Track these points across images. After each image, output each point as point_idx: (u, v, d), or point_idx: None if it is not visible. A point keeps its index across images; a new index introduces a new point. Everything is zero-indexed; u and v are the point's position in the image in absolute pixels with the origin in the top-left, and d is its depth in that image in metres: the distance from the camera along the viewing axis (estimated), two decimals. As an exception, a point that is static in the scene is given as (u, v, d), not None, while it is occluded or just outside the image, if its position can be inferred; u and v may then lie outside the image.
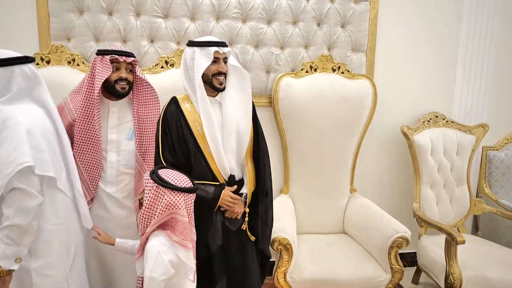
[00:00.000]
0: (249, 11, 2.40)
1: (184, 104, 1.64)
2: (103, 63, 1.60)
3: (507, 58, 2.77)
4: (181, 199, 1.23)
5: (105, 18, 2.27)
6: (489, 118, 2.76)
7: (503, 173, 2.78)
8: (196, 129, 1.60)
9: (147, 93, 1.72)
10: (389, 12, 2.57)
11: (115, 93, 1.62)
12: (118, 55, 1.62)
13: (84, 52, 2.28)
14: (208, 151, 1.60)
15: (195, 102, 1.62)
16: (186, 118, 1.60)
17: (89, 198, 1.61)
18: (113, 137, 1.64)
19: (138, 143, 1.66)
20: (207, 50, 1.59)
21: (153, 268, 1.18)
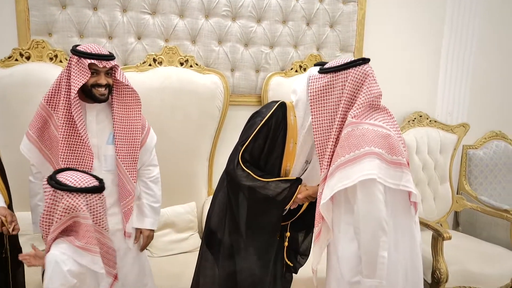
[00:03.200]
0: (239, 9, 2.37)
1: (290, 115, 1.52)
2: (80, 67, 1.44)
3: (486, 60, 2.88)
4: (81, 201, 1.16)
5: (90, 13, 2.18)
6: (469, 117, 2.86)
7: (482, 171, 2.90)
8: (289, 145, 1.50)
9: (128, 96, 1.59)
10: (376, 14, 2.61)
11: (93, 99, 1.51)
12: (97, 59, 1.45)
13: (67, 48, 2.15)
14: (287, 169, 1.53)
15: (300, 117, 1.49)
16: (286, 133, 1.50)
17: None
18: (93, 142, 1.53)
19: (118, 147, 1.55)
20: None
21: (51, 279, 1.13)
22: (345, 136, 1.24)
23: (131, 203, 1.59)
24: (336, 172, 1.21)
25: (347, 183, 1.18)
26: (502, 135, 2.99)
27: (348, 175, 1.18)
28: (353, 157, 1.19)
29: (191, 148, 2.35)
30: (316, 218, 1.35)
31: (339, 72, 1.29)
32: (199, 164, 2.42)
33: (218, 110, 2.36)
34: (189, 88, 2.27)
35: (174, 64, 2.31)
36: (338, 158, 1.22)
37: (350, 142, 1.21)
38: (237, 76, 2.46)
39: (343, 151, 1.21)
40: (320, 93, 1.32)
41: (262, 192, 1.46)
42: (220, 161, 2.48)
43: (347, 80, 1.28)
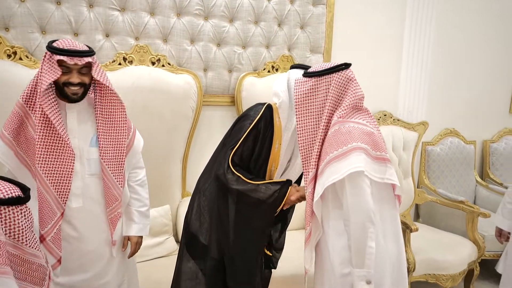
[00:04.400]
0: (211, 8, 2.34)
1: (276, 117, 1.55)
2: (51, 63, 1.33)
3: (441, 61, 3.09)
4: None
5: (53, 7, 2.04)
6: (427, 116, 3.06)
7: (439, 166, 3.12)
8: (275, 146, 1.53)
9: (110, 97, 1.48)
10: (344, 16, 2.70)
11: (66, 97, 1.40)
12: (68, 56, 1.32)
13: (28, 45, 2.03)
14: (272, 169, 1.55)
15: (284, 118, 1.54)
16: (273, 134, 1.53)
17: (59, 213, 1.39)
18: (74, 143, 1.43)
19: (103, 150, 1.45)
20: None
21: None
22: (332, 134, 1.28)
23: (118, 208, 1.51)
24: (326, 169, 1.25)
25: (336, 177, 1.22)
26: (455, 132, 3.23)
27: (337, 169, 1.23)
28: (341, 153, 1.23)
29: (164, 150, 2.29)
30: (306, 218, 1.37)
31: (323, 76, 1.34)
32: (172, 165, 2.36)
33: (191, 110, 2.32)
34: (162, 88, 2.21)
35: (146, 63, 2.23)
36: (327, 155, 1.26)
37: (338, 139, 1.26)
38: (210, 76, 2.43)
39: (331, 148, 1.26)
40: (305, 97, 1.36)
41: (253, 196, 1.46)
42: (194, 162, 2.44)
43: (330, 84, 1.33)
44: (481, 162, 3.45)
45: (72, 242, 1.45)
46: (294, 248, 2.28)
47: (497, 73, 3.39)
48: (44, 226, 1.37)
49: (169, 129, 2.28)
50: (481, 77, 3.32)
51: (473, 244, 2.55)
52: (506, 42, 3.37)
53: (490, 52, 3.31)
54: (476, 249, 2.53)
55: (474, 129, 3.33)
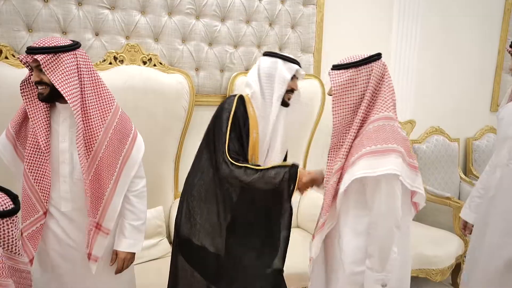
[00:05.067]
0: (203, 7, 2.32)
1: (249, 107, 1.57)
2: (22, 62, 1.36)
3: (427, 62, 3.18)
4: None
5: (40, 4, 1.98)
6: (413, 114, 3.13)
7: (425, 163, 3.19)
8: (252, 135, 1.55)
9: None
10: (333, 16, 2.73)
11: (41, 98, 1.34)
12: (28, 53, 1.26)
13: (14, 43, 1.96)
14: (253, 159, 1.56)
15: (258, 108, 1.57)
16: (249, 123, 1.55)
17: (41, 211, 1.35)
18: (65, 146, 1.37)
19: (80, 153, 1.34)
20: (290, 65, 1.57)
21: None
22: (375, 128, 1.24)
23: (91, 225, 1.40)
24: (360, 160, 1.21)
25: (369, 173, 1.18)
26: (440, 130, 3.32)
27: (372, 165, 1.18)
28: (380, 150, 1.19)
29: (156, 150, 2.25)
30: (323, 208, 1.35)
31: (362, 66, 1.29)
32: (165, 166, 2.33)
33: (184, 110, 2.30)
34: (154, 88, 2.18)
35: (137, 62, 2.19)
36: (363, 148, 1.22)
37: (379, 136, 1.21)
38: (202, 75, 2.41)
39: (370, 142, 1.21)
40: (343, 88, 1.31)
41: (266, 183, 1.46)
42: (186, 162, 2.41)
43: (371, 75, 1.28)
44: (464, 159, 3.56)
45: (61, 246, 1.42)
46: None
47: (479, 74, 3.51)
48: (24, 221, 1.34)
49: (161, 129, 2.25)
50: (464, 78, 3.43)
51: (460, 239, 2.62)
52: (487, 45, 3.49)
53: (472, 54, 3.42)
54: (462, 244, 2.61)
55: (457, 127, 3.43)
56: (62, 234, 1.42)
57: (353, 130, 1.29)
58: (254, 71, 1.61)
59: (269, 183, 1.46)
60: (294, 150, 2.61)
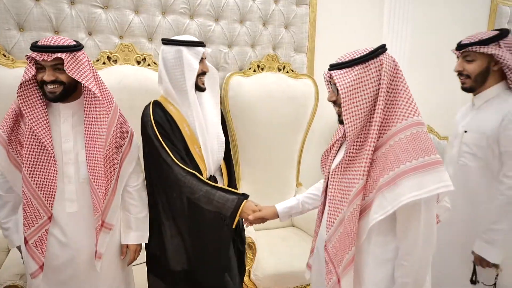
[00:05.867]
0: (197, 7, 2.32)
1: (168, 106, 1.55)
2: (28, 61, 1.29)
3: (417, 62, 3.23)
4: None
5: (31, 3, 1.94)
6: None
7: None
8: (184, 130, 1.53)
9: (91, 96, 1.36)
10: (326, 16, 2.75)
11: (46, 97, 1.33)
12: (37, 51, 1.26)
13: (5, 43, 1.92)
14: (197, 151, 1.54)
15: (177, 103, 1.54)
16: (175, 120, 1.52)
17: (45, 216, 1.33)
18: (69, 146, 1.36)
19: (89, 152, 1.36)
20: (195, 50, 1.52)
21: None
22: (409, 138, 1.02)
23: (98, 221, 1.40)
24: (403, 180, 0.98)
25: (421, 194, 0.96)
26: (430, 129, 3.38)
27: (422, 183, 0.97)
28: (424, 163, 0.98)
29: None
30: (344, 238, 1.10)
31: (370, 61, 1.07)
32: (160, 167, 2.32)
33: (179, 110, 2.29)
34: (149, 88, 2.15)
35: (131, 62, 2.17)
36: (401, 164, 0.99)
37: (417, 146, 1.00)
38: (196, 75, 2.40)
39: (408, 155, 0.99)
40: (352, 89, 1.07)
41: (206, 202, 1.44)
42: (181, 163, 2.41)
43: (382, 68, 1.06)
44: (453, 156, 3.63)
45: (65, 251, 1.39)
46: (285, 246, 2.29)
47: (467, 72, 3.58)
48: (28, 229, 1.32)
49: (156, 129, 2.23)
50: (453, 77, 3.48)
51: (451, 235, 2.68)
52: (474, 43, 3.56)
53: (460, 52, 3.48)
54: (454, 239, 2.66)
55: (447, 126, 3.50)
56: (64, 237, 1.39)
57: (372, 139, 1.05)
58: (160, 65, 1.56)
59: (211, 205, 1.45)
60: (288, 150, 2.63)
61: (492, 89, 1.57)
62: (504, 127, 1.45)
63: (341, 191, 1.13)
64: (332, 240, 1.14)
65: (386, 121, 1.07)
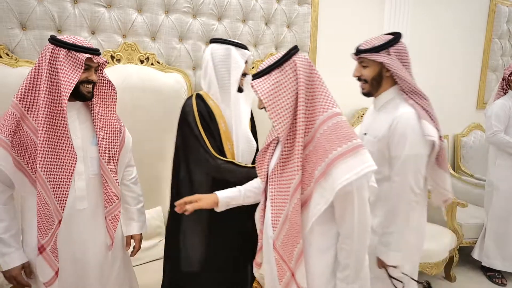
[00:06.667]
0: (200, 6, 2.31)
1: (208, 100, 1.63)
2: (73, 61, 1.28)
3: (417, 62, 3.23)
4: None
5: (34, 2, 1.93)
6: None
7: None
8: (221, 125, 1.61)
9: (107, 93, 1.48)
10: (327, 16, 2.77)
11: (80, 97, 1.36)
12: (93, 54, 1.33)
13: (8, 42, 1.90)
14: (229, 148, 1.61)
15: (217, 99, 1.63)
16: (214, 114, 1.60)
17: (57, 220, 1.31)
18: (78, 143, 1.38)
19: (102, 148, 1.42)
20: (242, 51, 1.65)
21: None
22: (331, 128, 1.08)
23: (118, 208, 1.46)
24: (332, 169, 1.04)
25: (353, 175, 1.02)
26: (430, 128, 3.40)
27: (351, 167, 1.03)
28: (349, 149, 1.04)
29: (155, 150, 2.23)
30: (291, 233, 1.12)
31: (284, 64, 1.12)
32: (163, 166, 2.30)
33: (182, 109, 2.28)
34: (152, 87, 2.15)
35: (134, 61, 2.16)
36: (329, 153, 1.05)
37: (339, 134, 1.07)
38: (199, 75, 2.40)
39: (333, 144, 1.05)
40: (273, 93, 1.12)
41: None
42: (184, 162, 2.40)
43: (296, 69, 1.11)
44: (453, 155, 3.66)
45: (73, 250, 1.39)
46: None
47: (466, 73, 3.62)
48: (45, 235, 1.29)
49: (159, 129, 2.22)
50: (452, 76, 3.53)
51: (452, 233, 2.70)
52: (473, 44, 3.60)
53: (459, 53, 3.52)
54: (455, 237, 2.68)
55: (446, 125, 3.52)
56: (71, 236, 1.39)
57: (299, 135, 1.10)
58: (207, 60, 1.65)
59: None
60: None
61: (387, 93, 1.58)
62: (391, 132, 1.47)
63: (282, 189, 1.16)
64: (280, 237, 1.16)
65: (310, 116, 1.12)
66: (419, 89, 1.52)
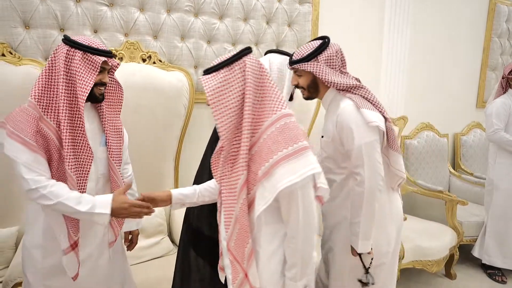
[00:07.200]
0: (201, 5, 2.32)
1: None
2: (89, 63, 1.28)
3: (417, 61, 3.26)
4: None
5: (37, 1, 1.93)
6: (405, 111, 3.21)
7: (417, 158, 3.28)
8: None
9: (117, 94, 1.49)
10: (328, 15, 2.78)
11: (91, 98, 1.34)
12: (109, 57, 1.33)
13: (11, 40, 1.91)
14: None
15: None
16: None
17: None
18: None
19: (111, 148, 1.42)
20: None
21: None
22: (279, 130, 1.09)
23: None
24: (277, 169, 1.05)
25: (295, 178, 1.04)
26: (430, 126, 3.42)
27: (294, 169, 1.04)
28: (294, 151, 1.06)
29: (156, 148, 2.25)
30: (241, 234, 1.12)
31: (234, 63, 1.12)
32: (165, 164, 2.32)
33: (184, 108, 2.29)
34: (154, 86, 2.16)
35: (136, 60, 2.18)
36: (273, 154, 1.06)
37: (286, 136, 1.07)
38: (201, 73, 2.41)
39: (279, 145, 1.06)
40: (219, 91, 1.11)
41: None
42: (186, 160, 2.41)
43: (245, 70, 1.11)
44: (453, 153, 3.67)
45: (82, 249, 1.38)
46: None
47: (465, 72, 3.64)
48: (77, 232, 1.30)
49: (161, 127, 2.24)
50: (452, 75, 3.55)
51: (453, 231, 2.71)
52: (473, 44, 3.62)
53: (460, 54, 3.54)
54: (455, 235, 2.70)
55: (446, 123, 3.54)
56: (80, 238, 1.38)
57: (246, 136, 1.10)
58: (265, 63, 1.68)
59: None
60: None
61: (327, 94, 1.63)
62: (338, 129, 1.53)
63: (231, 190, 1.16)
64: (232, 238, 1.17)
65: (258, 118, 1.12)
66: (352, 83, 1.57)
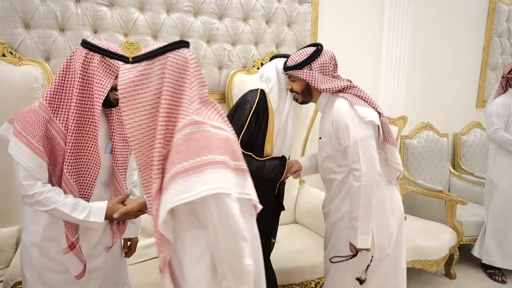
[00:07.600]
0: (201, 5, 2.33)
1: (268, 100, 1.72)
2: (107, 68, 1.26)
3: (417, 60, 3.27)
4: None
5: (37, 1, 1.94)
6: (405, 111, 3.21)
7: (417, 158, 3.28)
8: (270, 128, 1.70)
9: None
10: (327, 15, 2.78)
11: (106, 103, 1.32)
12: (126, 62, 1.21)
13: (11, 41, 1.92)
14: (269, 150, 1.71)
15: (274, 102, 1.73)
16: (269, 115, 1.69)
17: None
18: None
19: (117, 157, 1.40)
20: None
21: None
22: (183, 139, 0.97)
23: None
24: (172, 184, 0.95)
25: (189, 197, 0.93)
26: (430, 126, 3.42)
27: (189, 186, 0.93)
28: (194, 165, 0.94)
29: (156, 148, 2.25)
30: (157, 243, 1.03)
31: (155, 58, 1.02)
32: (165, 164, 2.33)
33: (183, 108, 2.30)
34: (154, 85, 2.17)
35: (136, 60, 2.18)
36: (173, 166, 0.95)
37: (190, 147, 0.95)
38: (200, 73, 2.42)
39: (180, 157, 0.95)
40: (134, 86, 1.01)
41: (258, 174, 1.60)
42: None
43: (165, 67, 1.01)
44: (453, 153, 3.67)
45: None
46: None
47: (466, 71, 3.64)
48: (75, 233, 1.30)
49: (161, 127, 2.24)
50: (452, 75, 3.54)
51: (453, 230, 2.71)
52: (473, 43, 3.61)
53: (460, 53, 3.54)
54: (455, 235, 2.70)
55: (446, 123, 3.54)
56: None
57: (159, 140, 1.00)
58: (271, 68, 1.75)
59: (263, 174, 1.66)
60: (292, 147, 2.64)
61: (320, 98, 1.70)
62: (334, 127, 1.59)
63: (149, 198, 1.08)
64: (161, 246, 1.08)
65: (174, 121, 1.01)
66: (345, 84, 1.64)
